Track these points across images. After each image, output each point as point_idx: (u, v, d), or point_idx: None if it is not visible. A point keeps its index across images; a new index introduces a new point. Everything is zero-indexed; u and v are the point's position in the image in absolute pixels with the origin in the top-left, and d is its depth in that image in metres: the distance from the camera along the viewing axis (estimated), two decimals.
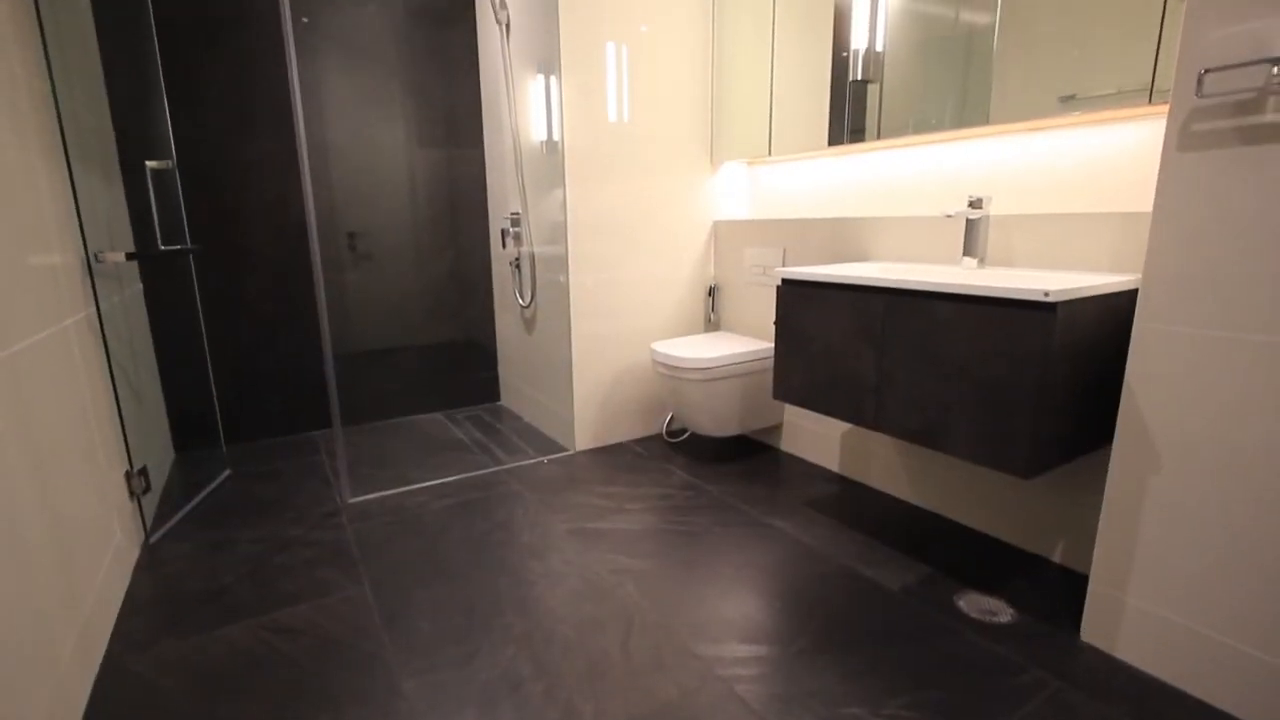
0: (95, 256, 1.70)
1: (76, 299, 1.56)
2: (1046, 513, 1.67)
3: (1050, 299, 1.21)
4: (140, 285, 2.32)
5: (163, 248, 2.09)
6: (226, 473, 2.36)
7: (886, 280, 1.53)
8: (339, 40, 2.64)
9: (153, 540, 1.85)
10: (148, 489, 1.87)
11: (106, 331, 1.73)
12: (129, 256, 1.84)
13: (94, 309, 1.68)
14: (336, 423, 2.08)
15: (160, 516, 1.97)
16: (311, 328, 2.70)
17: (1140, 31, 1.36)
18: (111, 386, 1.73)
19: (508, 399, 3.20)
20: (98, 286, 1.71)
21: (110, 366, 1.73)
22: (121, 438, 1.76)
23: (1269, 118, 1.01)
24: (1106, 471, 1.43)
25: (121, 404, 1.77)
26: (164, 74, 2.29)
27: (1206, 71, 1.05)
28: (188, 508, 2.06)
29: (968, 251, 1.69)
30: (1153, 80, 1.35)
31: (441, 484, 2.23)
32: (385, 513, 2.02)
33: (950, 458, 1.89)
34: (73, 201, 1.61)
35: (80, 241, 1.64)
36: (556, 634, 1.41)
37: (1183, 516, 1.19)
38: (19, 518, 1.07)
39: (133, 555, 1.73)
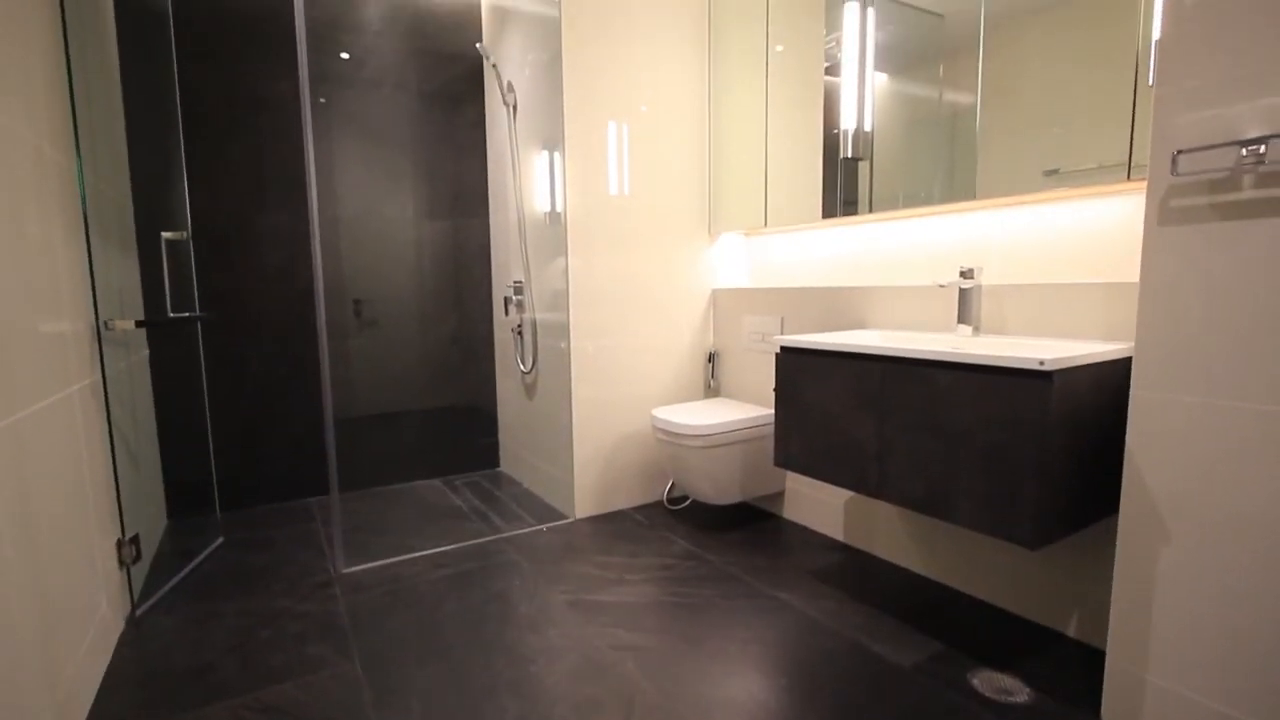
0: (105, 324, 1.73)
1: (84, 365, 1.58)
2: (1058, 584, 1.63)
3: (1046, 367, 1.22)
4: (147, 351, 2.34)
5: (172, 315, 2.13)
6: (219, 540, 2.31)
7: (884, 348, 1.55)
8: (354, 120, 2.77)
9: (139, 613, 1.79)
10: (138, 558, 1.83)
11: (110, 397, 1.74)
12: (138, 324, 1.87)
13: (100, 375, 1.70)
14: (334, 489, 2.06)
15: (149, 586, 1.92)
16: (314, 393, 2.71)
17: (1115, 111, 1.43)
18: (110, 453, 1.73)
19: (507, 465, 3.17)
20: (105, 353, 1.73)
21: (111, 433, 1.73)
22: (116, 505, 1.74)
23: (1243, 195, 1.05)
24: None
25: (119, 471, 1.76)
26: (185, 150, 2.39)
27: (1179, 152, 1.10)
28: (177, 578, 2.01)
29: (962, 319, 1.72)
30: (1129, 158, 1.41)
31: (438, 553, 2.19)
32: (379, 583, 1.96)
33: (957, 527, 1.86)
34: (88, 271, 1.65)
35: (92, 309, 1.68)
36: (554, 717, 1.35)
37: (1198, 589, 1.16)
38: (4, 590, 1.05)
39: (117, 628, 1.68)
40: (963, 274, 1.71)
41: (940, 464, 1.44)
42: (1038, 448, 1.25)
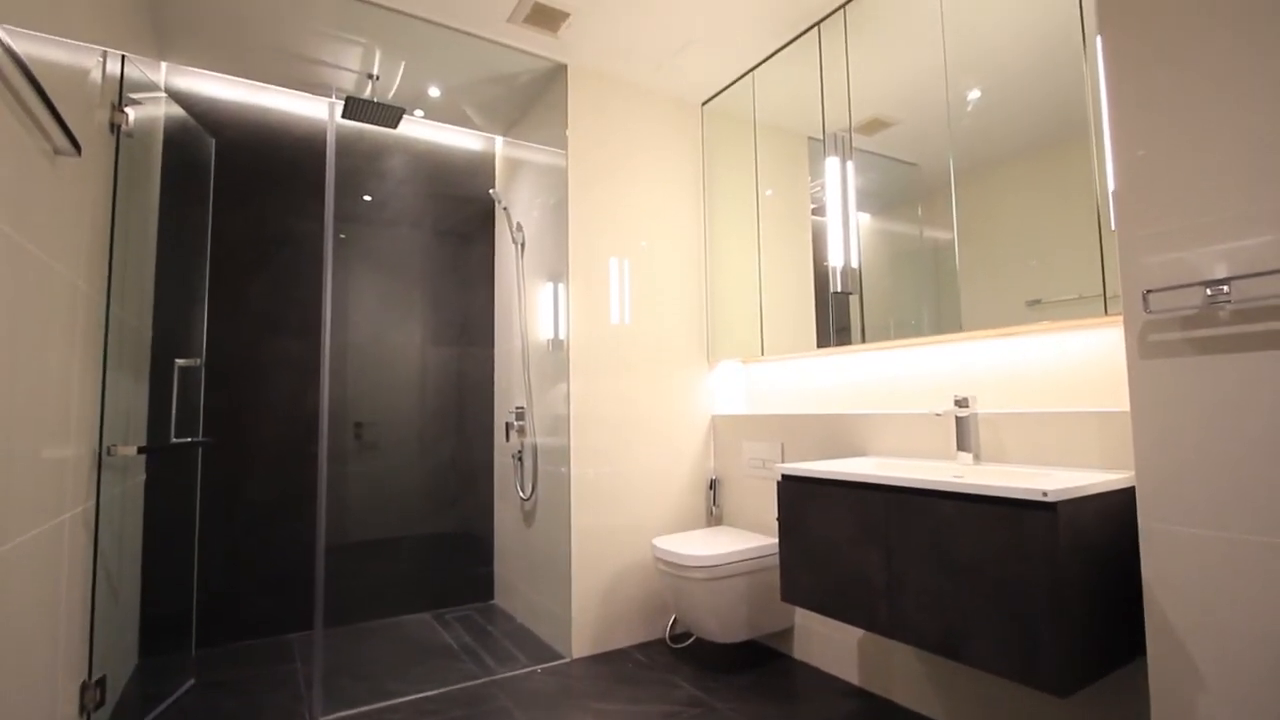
0: (108, 450, 1.74)
1: (79, 492, 1.57)
2: None
3: (1049, 498, 1.21)
4: (144, 476, 2.32)
5: (175, 440, 2.13)
6: (190, 683, 2.16)
7: (887, 477, 1.53)
8: (370, 255, 2.95)
9: None
10: (101, 703, 1.70)
11: (100, 525, 1.70)
12: (140, 450, 1.88)
13: (94, 502, 1.68)
14: (318, 629, 1.96)
15: None
16: (307, 522, 2.65)
17: (1085, 249, 1.52)
18: (91, 586, 1.66)
19: (501, 597, 3.03)
20: (103, 479, 1.72)
21: (95, 564, 1.68)
22: (88, 644, 1.65)
23: (1219, 330, 1.10)
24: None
25: (96, 606, 1.68)
26: (210, 280, 2.52)
27: (1149, 291, 1.16)
28: None
29: (961, 447, 1.72)
30: (1104, 292, 1.48)
31: (423, 699, 2.03)
32: None
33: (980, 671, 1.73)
34: (100, 398, 1.69)
35: (97, 436, 1.69)
36: None
37: None
38: None
39: None
40: (958, 403, 1.73)
41: (953, 601, 1.37)
42: (1049, 582, 1.21)
